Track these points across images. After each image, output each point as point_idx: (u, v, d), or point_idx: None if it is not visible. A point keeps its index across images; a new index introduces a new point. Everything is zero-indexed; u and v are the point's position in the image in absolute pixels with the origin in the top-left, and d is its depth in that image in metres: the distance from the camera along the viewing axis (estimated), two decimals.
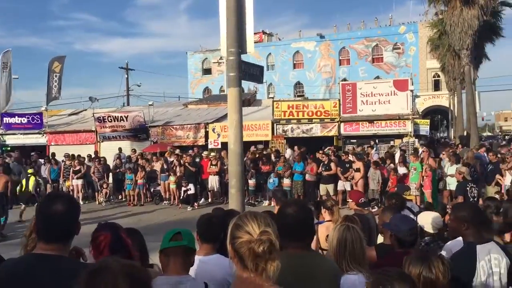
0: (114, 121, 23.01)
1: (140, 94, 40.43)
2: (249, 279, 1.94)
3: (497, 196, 8.77)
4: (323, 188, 14.83)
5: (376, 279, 2.03)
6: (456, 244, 3.58)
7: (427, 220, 4.34)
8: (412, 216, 5.76)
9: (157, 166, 17.49)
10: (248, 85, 38.85)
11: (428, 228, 4.23)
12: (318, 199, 13.86)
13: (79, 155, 19.00)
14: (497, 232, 4.10)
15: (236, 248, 1.95)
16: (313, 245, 4.92)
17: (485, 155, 14.43)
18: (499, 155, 13.25)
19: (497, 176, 11.87)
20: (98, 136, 23.50)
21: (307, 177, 15.13)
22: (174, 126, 23.59)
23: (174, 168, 16.56)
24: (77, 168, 17.73)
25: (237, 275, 1.98)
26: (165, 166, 17.05)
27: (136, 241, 2.73)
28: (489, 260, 3.22)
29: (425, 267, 2.24)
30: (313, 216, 2.78)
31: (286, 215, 2.69)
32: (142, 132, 23.22)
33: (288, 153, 18.61)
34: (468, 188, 8.21)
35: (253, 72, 7.04)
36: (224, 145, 13.70)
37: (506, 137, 47.92)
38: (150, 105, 25.47)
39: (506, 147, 17.65)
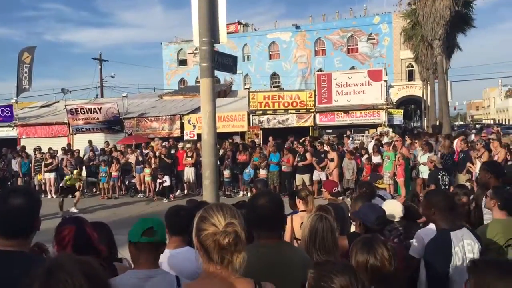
0: (87, 113, 22.64)
1: (114, 86, 40.04)
2: (215, 272, 1.92)
3: (468, 184, 8.96)
4: (299, 179, 14.90)
5: (317, 274, 2.02)
6: (427, 231, 3.63)
7: (389, 208, 4.41)
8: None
9: (131, 158, 17.28)
10: (224, 76, 38.76)
11: (391, 216, 4.30)
12: (294, 189, 13.92)
13: (50, 148, 18.61)
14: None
15: (201, 241, 1.91)
16: (287, 235, 4.95)
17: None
18: (470, 144, 13.51)
19: (468, 164, 12.10)
20: (70, 129, 23.09)
21: (283, 167, 15.19)
22: (149, 118, 23.34)
23: (149, 160, 16.39)
24: (49, 161, 17.37)
25: (203, 268, 1.95)
26: (140, 158, 16.86)
27: (103, 235, 2.68)
28: (462, 246, 3.29)
29: (370, 255, 2.25)
30: (283, 207, 2.76)
31: (257, 206, 2.68)
32: (116, 124, 22.90)
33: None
34: (439, 176, 8.36)
35: (226, 62, 6.96)
36: (200, 137, 13.60)
37: (477, 125, 48.93)
38: (124, 96, 25.12)
39: (478, 135, 17.96)
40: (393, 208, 4.37)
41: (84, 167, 17.84)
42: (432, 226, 3.58)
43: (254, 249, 2.64)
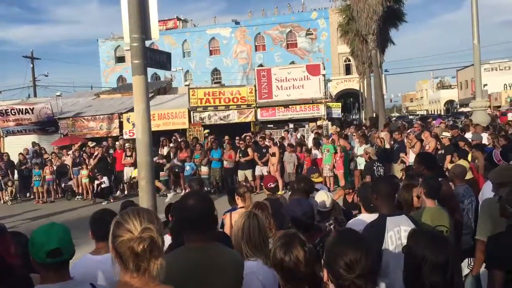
0: (18, 114, 21.52)
1: (48, 85, 38.23)
2: (131, 281, 1.84)
3: (401, 173, 9.30)
4: (241, 174, 14.91)
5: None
6: (356, 221, 3.74)
7: (319, 198, 4.79)
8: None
9: (67, 160, 16.60)
10: (164, 73, 38.02)
11: (322, 206, 4.72)
12: (237, 185, 13.92)
13: None
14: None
15: (116, 248, 1.83)
16: (227, 232, 4.92)
17: None
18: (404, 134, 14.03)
19: (401, 154, 12.57)
20: (0, 131, 21.85)
21: (225, 164, 15.13)
22: (86, 118, 22.54)
23: (86, 161, 15.81)
24: None
25: (120, 277, 1.86)
26: (77, 160, 16.24)
27: (20, 245, 2.50)
28: (398, 231, 3.37)
29: (286, 255, 2.26)
30: (213, 207, 2.71)
31: (187, 208, 2.60)
32: (50, 124, 21.96)
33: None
34: (374, 167, 8.63)
35: (160, 59, 6.80)
36: None
37: (414, 117, 51.21)
38: (58, 96, 24.10)
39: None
40: (322, 198, 4.72)
41: (16, 171, 16.97)
42: (361, 217, 3.69)
43: (183, 252, 2.57)
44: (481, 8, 47.17)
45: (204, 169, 15.14)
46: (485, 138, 12.02)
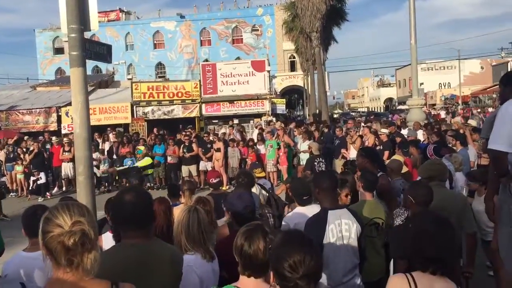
0: None
1: None
2: (63, 277, 1.79)
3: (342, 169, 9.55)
4: (185, 170, 14.76)
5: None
6: (292, 215, 3.91)
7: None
8: (264, 192, 6.03)
9: (0, 155, 15.78)
10: (106, 66, 36.90)
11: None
12: (180, 181, 13.79)
13: None
14: None
15: (46, 244, 1.77)
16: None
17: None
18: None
19: (342, 150, 12.93)
20: None
21: (169, 159, 14.94)
22: (21, 111, 21.52)
23: (21, 156, 15.09)
24: None
25: (53, 273, 1.81)
26: (10, 155, 15.46)
27: None
28: (339, 224, 3.48)
29: (246, 242, 2.31)
30: (151, 203, 2.67)
31: (123, 203, 2.53)
32: None
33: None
34: (316, 163, 8.81)
35: (100, 51, 6.59)
36: None
37: (352, 113, 52.74)
38: None
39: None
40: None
41: None
42: (297, 210, 3.86)
43: (120, 249, 2.52)
44: (418, 10, 49.24)
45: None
46: (421, 135, 12.59)
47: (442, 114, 28.70)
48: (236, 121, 20.89)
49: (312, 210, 3.90)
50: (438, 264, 2.32)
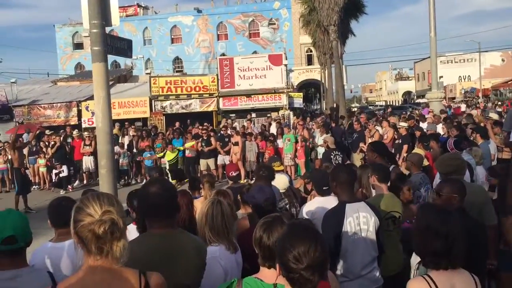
0: None
1: (1, 71, 36.80)
2: (95, 264, 1.86)
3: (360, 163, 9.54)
4: (203, 163, 14.87)
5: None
6: (313, 206, 4.10)
7: (277, 182, 5.11)
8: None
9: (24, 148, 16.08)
10: (124, 61, 37.25)
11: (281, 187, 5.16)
12: (199, 174, 13.89)
13: None
14: None
15: (78, 233, 1.84)
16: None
17: None
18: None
19: (361, 144, 12.85)
20: None
21: (187, 153, 15.06)
22: (42, 105, 21.88)
23: (44, 150, 15.39)
24: None
25: (84, 261, 1.88)
26: (33, 149, 15.77)
27: None
28: (357, 217, 3.50)
29: (265, 233, 2.34)
30: (176, 194, 2.73)
31: (148, 195, 2.60)
32: (5, 112, 21.22)
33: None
34: (332, 156, 8.79)
35: (121, 46, 6.69)
36: None
37: (370, 107, 52.35)
38: (12, 82, 23.24)
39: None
40: (279, 181, 5.16)
41: None
42: (316, 200, 3.94)
43: (146, 239, 2.59)
44: (438, 2, 48.39)
45: (164, 159, 15.04)
46: (440, 128, 12.46)
47: (463, 107, 28.30)
48: (253, 115, 20.94)
49: (331, 201, 3.94)
50: (449, 258, 2.31)
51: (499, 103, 31.10)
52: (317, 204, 4.18)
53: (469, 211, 3.63)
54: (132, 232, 3.90)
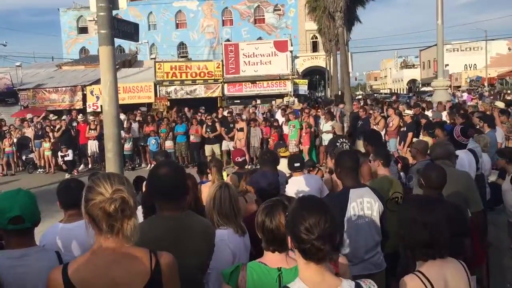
0: None
1: (6, 55, 36.76)
2: (106, 243, 1.89)
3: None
4: (208, 149, 14.90)
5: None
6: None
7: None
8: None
9: (29, 132, 16.17)
10: (129, 45, 37.11)
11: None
12: (204, 159, 13.93)
13: None
14: None
15: (89, 211, 1.87)
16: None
17: None
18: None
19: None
20: None
21: (192, 138, 15.10)
22: (47, 89, 21.91)
23: (49, 134, 15.44)
24: None
25: (95, 241, 1.91)
26: (39, 132, 15.84)
27: None
28: (361, 202, 3.53)
29: (267, 217, 2.38)
30: (185, 177, 2.75)
31: (159, 177, 2.62)
32: (10, 96, 21.25)
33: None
34: (338, 143, 8.78)
35: (127, 30, 6.69)
36: None
37: (375, 94, 52.09)
38: (18, 66, 23.25)
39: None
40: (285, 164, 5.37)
41: None
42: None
43: (156, 220, 2.62)
44: None
45: (168, 144, 15.09)
46: (445, 116, 12.42)
47: (465, 97, 28.08)
48: (258, 101, 20.91)
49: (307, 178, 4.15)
50: (439, 247, 2.32)
51: (508, 91, 30.87)
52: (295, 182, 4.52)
53: (454, 198, 3.66)
54: (139, 215, 3.96)
